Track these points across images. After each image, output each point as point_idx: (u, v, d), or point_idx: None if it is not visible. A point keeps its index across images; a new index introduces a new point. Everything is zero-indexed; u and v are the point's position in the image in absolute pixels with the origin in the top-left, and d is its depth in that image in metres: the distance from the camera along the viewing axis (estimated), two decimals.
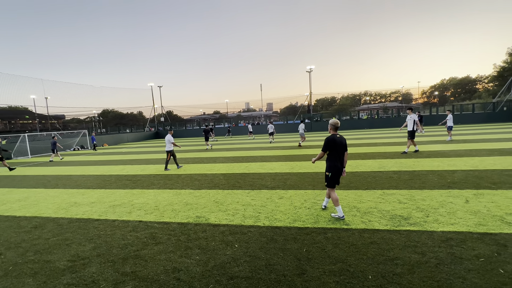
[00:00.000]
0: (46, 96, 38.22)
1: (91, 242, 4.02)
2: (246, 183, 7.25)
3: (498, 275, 2.64)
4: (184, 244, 3.76)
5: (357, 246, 3.40)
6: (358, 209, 4.69)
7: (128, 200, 6.22)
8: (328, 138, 4.24)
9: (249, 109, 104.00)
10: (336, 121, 4.32)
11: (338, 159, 4.24)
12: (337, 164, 4.23)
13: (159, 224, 4.60)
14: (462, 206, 4.53)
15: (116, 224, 4.71)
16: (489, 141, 12.93)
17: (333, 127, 4.32)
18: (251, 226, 4.25)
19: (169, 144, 10.02)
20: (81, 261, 3.47)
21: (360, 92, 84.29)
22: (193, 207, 5.39)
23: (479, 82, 70.25)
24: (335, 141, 4.20)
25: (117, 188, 7.63)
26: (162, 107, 45.75)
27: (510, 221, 3.84)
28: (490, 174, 6.56)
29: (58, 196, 7.14)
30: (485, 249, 3.14)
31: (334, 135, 4.26)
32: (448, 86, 76.64)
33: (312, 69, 36.50)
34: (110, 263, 3.36)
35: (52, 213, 5.65)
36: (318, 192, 5.91)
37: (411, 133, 10.62)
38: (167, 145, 10.04)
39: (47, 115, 43.88)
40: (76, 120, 61.15)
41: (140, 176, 9.19)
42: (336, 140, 4.21)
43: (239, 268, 3.07)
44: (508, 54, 47.50)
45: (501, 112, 29.88)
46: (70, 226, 4.80)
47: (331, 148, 4.22)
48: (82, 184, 8.55)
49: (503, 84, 39.04)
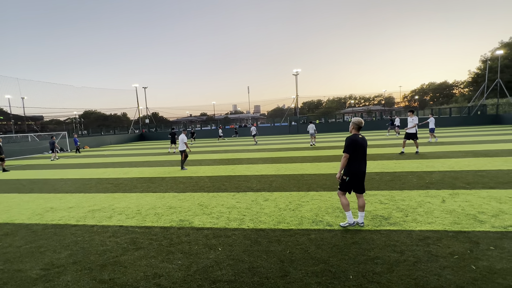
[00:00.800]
0: (22, 96, 36.38)
1: (67, 249, 3.84)
2: (231, 185, 7.20)
3: (471, 271, 2.76)
4: (166, 248, 3.67)
5: (339, 246, 3.46)
6: (341, 210, 4.77)
7: (108, 205, 6.01)
8: (351, 138, 3.83)
9: (236, 111, 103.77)
10: (360, 120, 3.90)
11: (360, 162, 3.83)
12: (359, 168, 3.81)
13: (141, 228, 4.47)
14: (439, 205, 4.72)
15: (95, 230, 4.53)
16: (465, 143, 13.60)
17: (356, 126, 3.92)
18: (235, 229, 4.21)
19: (182, 144, 10.08)
20: (55, 269, 3.30)
21: (345, 96, 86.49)
22: (176, 211, 5.28)
23: (455, 87, 73.99)
24: (357, 142, 3.80)
25: (98, 192, 7.36)
26: (147, 109, 44.73)
27: (482, 219, 4.04)
28: (465, 174, 6.88)
29: (33, 201, 6.79)
30: (459, 246, 3.28)
31: (356, 135, 3.87)
32: (427, 91, 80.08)
33: (299, 72, 37.00)
34: (87, 270, 3.22)
35: (25, 219, 5.35)
36: (302, 194, 5.96)
37: (411, 135, 10.88)
38: (180, 144, 10.09)
39: (24, 116, 41.74)
40: (56, 121, 58.60)
41: (123, 180, 8.91)
42: (359, 141, 3.81)
43: (222, 271, 3.03)
44: (482, 61, 50.35)
45: (476, 115, 31.57)
46: (44, 232, 4.56)
47: (354, 149, 3.79)
48: (60, 188, 8.18)
49: (477, 89, 41.32)
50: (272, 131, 35.21)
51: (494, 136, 16.67)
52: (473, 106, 34.55)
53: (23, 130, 44.92)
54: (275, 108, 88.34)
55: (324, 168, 8.93)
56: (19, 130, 45.09)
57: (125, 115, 71.06)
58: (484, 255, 3.04)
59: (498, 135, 16.86)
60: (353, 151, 3.81)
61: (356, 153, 3.81)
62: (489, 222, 3.92)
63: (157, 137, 38.99)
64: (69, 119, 60.05)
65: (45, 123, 58.23)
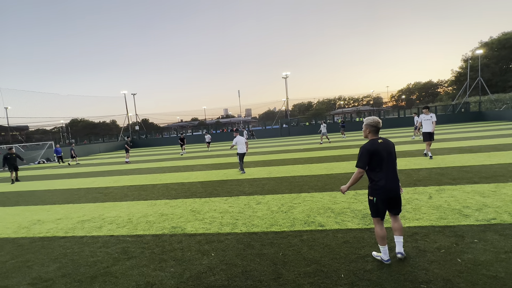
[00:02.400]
0: (6, 106, 35.31)
1: (55, 262, 3.74)
2: (223, 190, 7.19)
3: (456, 264, 2.86)
4: (158, 256, 3.63)
5: (331, 246, 3.51)
6: (332, 210, 4.84)
7: (98, 214, 5.89)
8: (366, 147, 2.87)
9: (228, 115, 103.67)
10: (375, 119, 2.92)
11: (387, 175, 2.87)
12: (386, 184, 2.85)
13: (132, 237, 4.41)
14: (426, 202, 4.86)
15: (85, 241, 4.44)
16: (450, 140, 14.03)
17: (373, 128, 2.92)
18: (228, 234, 4.21)
19: (242, 145, 9.54)
20: (43, 283, 3.21)
21: (335, 97, 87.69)
22: (168, 218, 5.23)
23: (440, 86, 76.27)
24: (376, 150, 2.83)
25: (87, 202, 7.20)
26: (136, 115, 44.17)
27: (467, 213, 4.18)
28: (450, 170, 7.11)
29: (19, 214, 6.58)
30: (445, 241, 3.39)
31: (374, 141, 2.89)
32: (413, 90, 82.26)
33: (288, 75, 37.42)
34: (76, 283, 3.15)
35: (11, 233, 5.18)
36: (294, 196, 6.02)
37: (429, 135, 9.28)
38: (239, 146, 9.49)
39: (7, 126, 40.45)
40: (42, 131, 57.04)
41: (113, 188, 8.75)
42: (379, 149, 2.84)
43: (215, 277, 3.03)
44: (463, 60, 52.22)
45: (460, 113, 32.63)
46: (32, 246, 4.43)
47: (372, 161, 2.86)
48: (47, 199, 7.96)
49: (460, 88, 42.76)
50: (263, 134, 35.32)
51: (478, 132, 17.27)
52: (457, 104, 35.72)
53: (7, 141, 43.49)
54: (266, 111, 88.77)
55: (316, 169, 9.03)
56: (3, 141, 43.64)
57: (114, 123, 69.90)
58: (469, 248, 3.15)
59: (481, 131, 17.48)
60: (371, 164, 2.88)
61: (378, 165, 2.85)
62: (473, 216, 4.07)
63: (148, 144, 38.47)
64: (55, 128, 58.60)
65: (31, 133, 56.56)
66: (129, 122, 42.09)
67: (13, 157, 12.21)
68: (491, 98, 35.28)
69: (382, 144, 2.90)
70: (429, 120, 9.23)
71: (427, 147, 9.32)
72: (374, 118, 2.95)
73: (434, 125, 9.21)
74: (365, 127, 3.00)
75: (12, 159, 12.13)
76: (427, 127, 9.27)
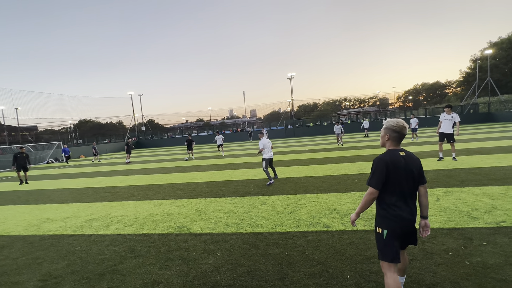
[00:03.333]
0: (16, 107, 36.09)
1: (64, 260, 3.81)
2: (229, 190, 7.22)
3: (464, 267, 2.82)
4: (164, 255, 3.67)
5: (336, 247, 3.49)
6: (338, 211, 4.82)
7: (106, 213, 5.98)
8: (383, 159, 2.09)
9: (232, 116, 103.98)
10: (401, 124, 2.13)
11: (406, 201, 2.08)
12: (403, 213, 2.06)
13: (139, 236, 4.46)
14: (433, 204, 4.80)
15: (93, 239, 4.51)
16: (458, 142, 13.79)
17: (395, 135, 2.14)
18: (233, 234, 4.23)
19: (269, 150, 7.81)
20: (53, 280, 3.28)
21: (340, 98, 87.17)
22: (174, 217, 5.28)
23: (448, 87, 75.11)
24: (396, 165, 2.05)
25: (94, 201, 7.32)
26: (142, 116, 44.65)
27: (475, 216, 4.11)
28: (459, 172, 7.00)
29: (29, 212, 6.72)
30: (453, 243, 3.34)
31: (395, 152, 2.12)
32: (420, 91, 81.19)
33: (293, 76, 37.37)
34: (85, 280, 3.21)
35: (21, 230, 5.30)
36: (300, 197, 6.01)
37: (449, 135, 8.57)
38: (266, 151, 7.77)
39: (18, 126, 41.35)
40: (50, 131, 58.11)
41: (120, 188, 8.87)
42: (398, 164, 2.06)
43: (221, 276, 3.05)
44: (472, 61, 51.35)
45: (468, 114, 32.09)
46: (41, 243, 4.53)
47: (390, 179, 2.05)
48: (56, 198, 8.11)
49: (468, 89, 42.06)
50: (268, 135, 35.30)
51: (487, 134, 16.95)
52: (465, 105, 35.14)
53: (17, 140, 44.45)
54: (271, 112, 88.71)
55: (321, 170, 9.00)
56: (13, 141, 44.61)
57: (121, 123, 70.73)
58: (477, 251, 3.11)
59: (491, 133, 17.15)
60: (387, 183, 2.06)
61: (395, 186, 2.05)
62: (482, 218, 4.00)
63: (154, 144, 38.85)
64: (64, 128, 59.66)
65: (40, 133, 57.68)
66: (135, 122, 42.60)
67: (23, 157, 12.03)
68: (500, 99, 34.59)
69: (404, 158, 2.08)
70: (450, 121, 8.52)
71: (440, 147, 8.86)
72: (398, 121, 2.13)
73: (458, 126, 8.52)
74: (385, 131, 2.19)
75: (21, 159, 11.95)
76: (447, 127, 8.55)
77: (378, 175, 2.07)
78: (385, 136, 2.21)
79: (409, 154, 2.13)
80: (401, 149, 2.16)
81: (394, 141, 2.17)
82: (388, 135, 2.18)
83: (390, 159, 2.08)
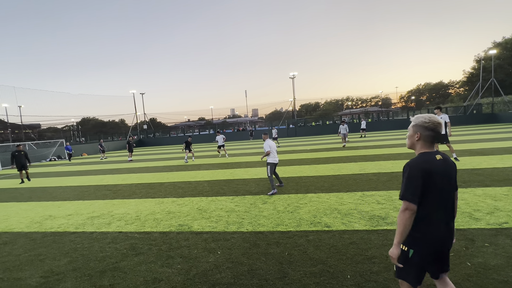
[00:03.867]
0: (19, 105, 36.34)
1: (66, 256, 3.84)
2: (230, 189, 7.23)
3: (466, 267, 2.81)
4: (165, 253, 3.69)
5: (337, 247, 3.49)
6: (339, 211, 4.81)
7: (107, 211, 6.01)
8: (415, 164, 1.71)
9: (234, 115, 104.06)
10: (434, 120, 1.76)
11: (442, 215, 1.72)
12: (439, 231, 1.70)
13: (140, 234, 4.48)
14: None
15: (94, 236, 4.54)
16: (461, 142, 13.72)
17: (428, 134, 1.76)
18: (234, 232, 4.24)
19: (275, 153, 6.77)
20: (55, 276, 3.31)
21: (342, 98, 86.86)
22: (175, 216, 5.30)
23: (451, 87, 74.62)
24: (432, 173, 1.68)
25: (96, 199, 7.35)
26: (144, 114, 44.75)
27: (477, 217, 4.09)
28: (461, 173, 6.95)
29: (32, 209, 6.77)
30: (455, 244, 3.32)
31: (430, 155, 1.74)
32: (423, 91, 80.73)
33: (295, 75, 37.29)
34: (86, 277, 3.23)
35: (24, 227, 5.34)
36: (301, 196, 6.00)
37: (443, 136, 8.67)
38: (272, 154, 6.68)
39: (21, 124, 41.64)
40: (53, 129, 58.45)
41: (121, 186, 8.91)
42: (436, 170, 1.69)
43: (222, 274, 3.05)
44: (476, 61, 50.94)
45: (471, 114, 31.88)
46: (44, 240, 4.56)
47: (425, 189, 1.68)
48: (58, 196, 8.16)
49: (472, 89, 41.75)
50: (270, 134, 35.29)
51: (490, 134, 16.83)
52: (468, 106, 34.88)
53: (21, 138, 44.75)
54: (273, 111, 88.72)
55: (322, 170, 8.98)
56: (16, 139, 44.94)
57: (123, 122, 70.97)
58: (479, 252, 3.09)
59: (494, 134, 17.03)
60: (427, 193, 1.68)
61: (431, 197, 1.68)
62: (484, 219, 3.98)
63: (156, 143, 38.96)
64: (66, 126, 59.95)
65: (43, 131, 58.01)
66: (137, 121, 42.73)
67: (21, 155, 11.51)
68: (504, 99, 34.30)
69: (441, 163, 1.72)
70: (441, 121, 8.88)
71: (451, 148, 8.90)
72: (431, 116, 1.77)
73: (449, 126, 8.63)
74: (414, 130, 1.81)
75: (19, 157, 11.45)
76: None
77: (414, 185, 1.67)
78: (414, 136, 1.82)
79: (445, 157, 1.78)
80: (437, 151, 1.79)
81: (427, 141, 1.78)
82: (419, 134, 1.79)
83: (426, 165, 1.70)
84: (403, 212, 1.67)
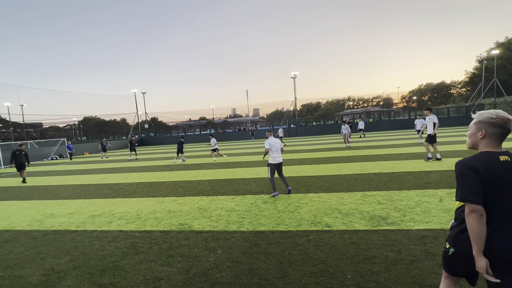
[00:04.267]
0: (21, 104, 36.50)
1: (67, 255, 3.85)
2: (231, 188, 7.23)
3: None
4: (166, 252, 3.69)
5: (337, 247, 3.48)
6: (339, 211, 4.80)
7: (108, 210, 6.03)
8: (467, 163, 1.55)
9: (235, 115, 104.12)
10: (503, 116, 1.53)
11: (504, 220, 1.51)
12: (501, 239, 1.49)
13: (141, 233, 4.49)
14: (436, 205, 4.76)
15: (95, 235, 4.55)
16: (463, 143, 13.66)
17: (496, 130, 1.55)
18: (234, 232, 4.24)
19: (277, 153, 6.42)
20: (56, 274, 3.32)
21: (344, 97, 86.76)
22: (176, 215, 5.31)
23: (453, 87, 74.36)
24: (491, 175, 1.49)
25: (97, 197, 7.37)
26: (146, 114, 44.85)
27: None
28: None
29: (33, 208, 6.80)
30: None
31: (491, 155, 1.54)
32: (425, 91, 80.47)
33: (297, 75, 37.26)
34: (87, 275, 3.24)
35: (25, 226, 5.37)
36: (301, 196, 6.00)
37: (431, 137, 9.08)
38: (273, 154, 6.35)
39: (23, 123, 41.83)
40: (55, 128, 58.70)
41: (122, 185, 8.93)
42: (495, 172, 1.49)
43: (222, 274, 3.05)
44: (478, 61, 50.73)
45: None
46: (45, 238, 4.58)
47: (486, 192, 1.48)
48: (60, 194, 8.19)
49: (474, 89, 41.58)
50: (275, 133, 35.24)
51: None
52: (470, 106, 34.76)
53: (22, 137, 44.95)
54: (274, 111, 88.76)
55: (323, 170, 8.97)
56: (18, 138, 45.13)
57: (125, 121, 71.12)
58: None
59: None
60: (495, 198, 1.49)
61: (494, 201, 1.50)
62: None
63: (157, 142, 39.04)
64: (68, 125, 60.14)
65: (44, 130, 58.27)
66: (138, 120, 42.83)
67: (21, 155, 11.25)
68: (507, 100, 34.15)
69: (506, 165, 1.50)
70: (429, 122, 9.19)
71: (426, 148, 9.34)
72: (498, 112, 1.55)
73: (436, 127, 9.03)
74: (478, 127, 1.61)
75: (19, 157, 11.19)
76: (430, 129, 9.20)
77: (470, 184, 1.49)
78: (477, 134, 1.60)
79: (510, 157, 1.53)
80: (505, 151, 1.55)
81: (494, 139, 1.56)
82: (484, 132, 1.56)
83: (483, 164, 1.49)
84: (470, 217, 1.48)
